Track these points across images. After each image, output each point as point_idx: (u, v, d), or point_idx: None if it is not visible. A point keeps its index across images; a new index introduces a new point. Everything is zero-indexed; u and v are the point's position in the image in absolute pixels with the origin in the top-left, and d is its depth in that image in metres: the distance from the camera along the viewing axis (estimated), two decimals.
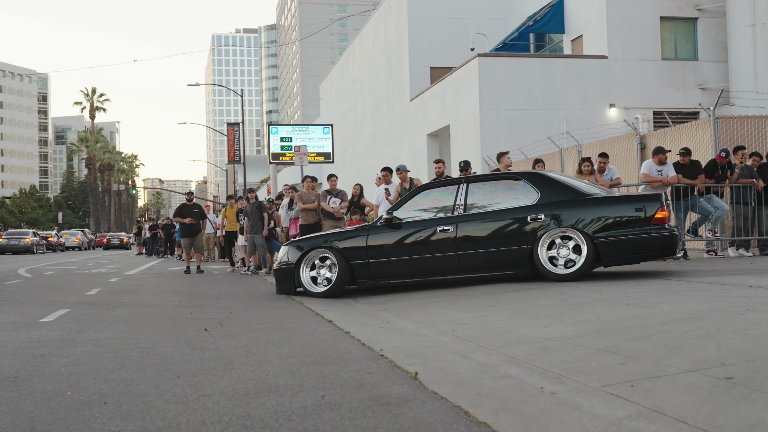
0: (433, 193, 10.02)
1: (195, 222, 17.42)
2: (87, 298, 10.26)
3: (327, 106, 50.87)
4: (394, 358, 4.77)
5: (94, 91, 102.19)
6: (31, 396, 3.89)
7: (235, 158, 47.21)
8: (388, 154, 33.49)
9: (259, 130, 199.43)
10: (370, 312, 7.81)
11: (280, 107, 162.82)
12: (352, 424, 3.20)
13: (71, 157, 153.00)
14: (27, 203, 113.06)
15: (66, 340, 5.96)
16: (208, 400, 3.70)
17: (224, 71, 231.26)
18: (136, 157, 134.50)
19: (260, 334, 6.19)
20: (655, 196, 9.13)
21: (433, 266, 9.57)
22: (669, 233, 8.82)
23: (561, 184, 9.38)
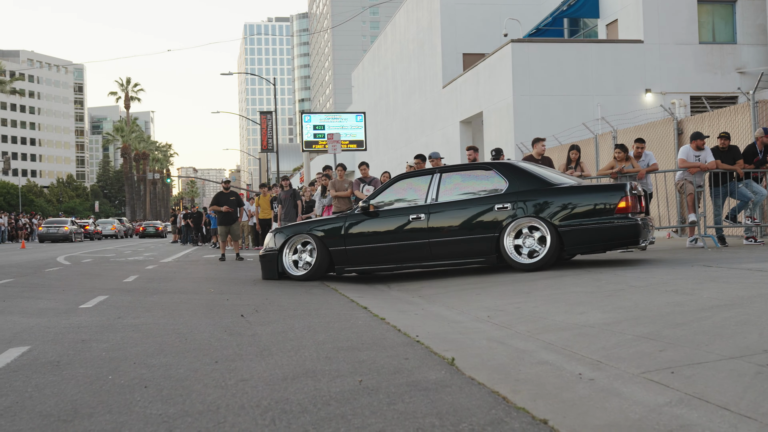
0: (409, 182, 10.26)
1: (232, 210, 17.54)
2: (125, 285, 10.40)
3: (359, 93, 50.85)
4: (429, 344, 4.77)
5: (128, 81, 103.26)
6: (73, 380, 3.96)
7: (268, 147, 47.47)
8: (420, 142, 33.41)
9: (292, 119, 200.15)
10: (404, 298, 7.82)
11: (312, 95, 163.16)
12: (390, 408, 3.20)
13: (107, 146, 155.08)
14: (64, 192, 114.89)
15: (105, 326, 6.05)
16: (246, 385, 3.73)
17: (256, 60, 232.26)
18: (171, 146, 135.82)
19: (296, 320, 6.23)
20: (619, 186, 9.17)
21: (406, 254, 9.85)
22: (632, 223, 8.85)
23: (529, 173, 9.50)
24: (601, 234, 8.94)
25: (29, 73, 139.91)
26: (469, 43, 30.81)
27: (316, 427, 2.96)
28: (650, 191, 12.20)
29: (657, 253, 10.75)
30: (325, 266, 10.25)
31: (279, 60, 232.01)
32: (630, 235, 8.93)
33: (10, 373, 4.15)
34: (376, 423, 2.99)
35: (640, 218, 9.05)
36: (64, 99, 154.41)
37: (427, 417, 3.06)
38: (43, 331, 5.77)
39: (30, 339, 5.39)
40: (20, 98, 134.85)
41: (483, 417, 3.04)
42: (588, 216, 8.96)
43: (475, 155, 13.50)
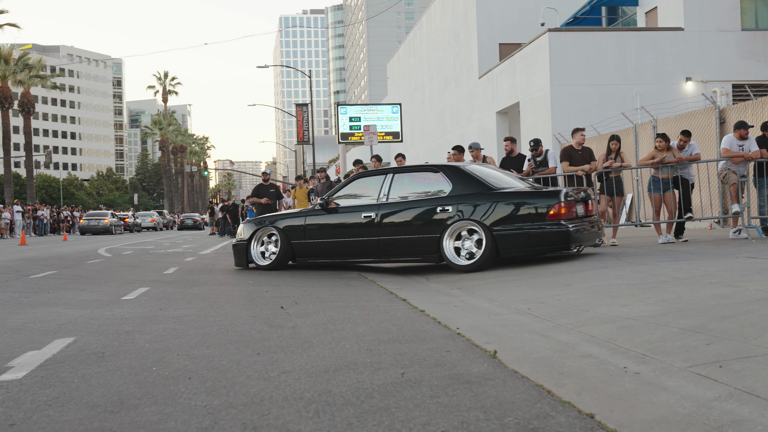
0: (366, 181, 10.81)
1: (271, 202, 17.64)
2: (165, 276, 10.51)
3: (394, 85, 50.78)
4: (471, 337, 4.75)
5: (166, 75, 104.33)
6: (118, 371, 4.00)
7: (304, 139, 47.66)
8: (456, 133, 33.28)
9: (327, 111, 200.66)
10: (443, 291, 7.79)
11: (347, 87, 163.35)
12: (434, 402, 3.19)
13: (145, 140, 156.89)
14: (104, 185, 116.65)
15: (148, 317, 6.12)
16: (289, 377, 3.74)
17: (292, 52, 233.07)
18: (207, 139, 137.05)
19: (335, 312, 6.24)
20: (552, 193, 9.45)
21: (357, 249, 10.38)
22: (561, 229, 9.12)
23: (472, 177, 9.83)
24: (532, 239, 9.27)
25: (69, 68, 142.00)
26: (506, 32, 30.57)
27: (360, 419, 2.95)
28: (692, 181, 12.00)
29: (700, 245, 10.58)
30: (288, 257, 10.95)
31: (314, 52, 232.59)
32: (560, 241, 9.22)
33: (56, 364, 4.21)
34: (421, 416, 2.97)
35: (573, 225, 9.25)
36: (104, 93, 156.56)
37: (471, 410, 3.03)
38: (87, 323, 5.86)
39: (74, 330, 5.47)
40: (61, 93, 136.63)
41: (528, 411, 3.01)
42: (521, 221, 9.30)
43: (513, 146, 13.40)
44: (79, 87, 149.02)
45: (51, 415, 3.13)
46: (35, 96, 66.86)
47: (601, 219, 11.46)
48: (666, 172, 11.69)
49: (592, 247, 10.86)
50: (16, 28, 53.30)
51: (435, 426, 2.84)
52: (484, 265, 9.26)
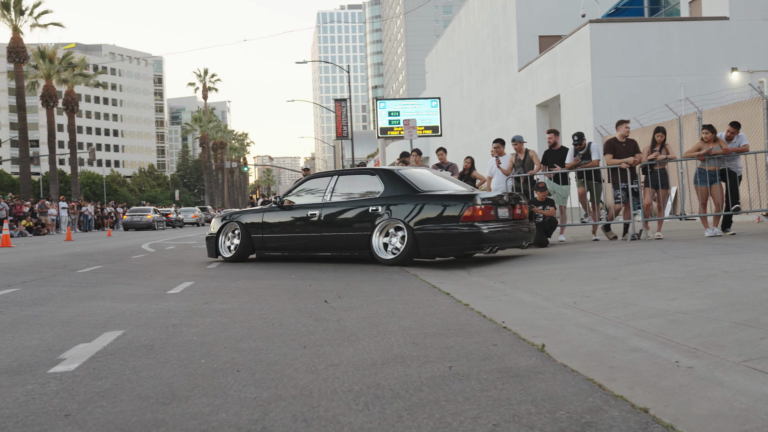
0: (315, 182, 11.88)
1: None
2: (208, 271, 10.61)
3: (433, 79, 50.63)
4: (517, 330, 4.71)
5: (206, 72, 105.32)
6: (168, 363, 4.04)
7: (343, 134, 47.77)
8: (495, 126, 33.08)
9: (365, 106, 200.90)
10: (486, 284, 7.74)
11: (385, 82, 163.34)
12: (484, 395, 3.16)
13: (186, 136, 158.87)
14: (146, 182, 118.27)
15: (194, 311, 6.18)
16: (336, 370, 3.75)
17: (330, 48, 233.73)
18: (247, 135, 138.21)
19: (379, 305, 6.24)
20: (467, 197, 10.04)
21: (305, 244, 11.49)
22: (473, 230, 9.72)
23: (402, 180, 10.74)
24: (447, 238, 9.94)
25: (111, 67, 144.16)
26: (545, 24, 30.28)
27: (410, 412, 2.94)
28: (740, 173, 11.77)
29: (748, 239, 10.38)
30: (249, 250, 12.16)
31: (352, 47, 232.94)
32: (472, 241, 9.80)
33: (107, 356, 4.27)
34: (471, 409, 2.95)
35: (487, 226, 9.81)
36: (145, 91, 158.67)
37: (522, 404, 3.01)
38: (135, 316, 5.93)
39: (123, 323, 5.54)
40: (103, 91, 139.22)
41: (580, 404, 2.97)
42: (438, 222, 10.03)
43: (556, 138, 13.27)
44: (121, 85, 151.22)
45: (104, 406, 3.17)
46: (79, 94, 68.00)
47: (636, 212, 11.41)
48: (713, 164, 11.48)
49: (518, 249, 11.38)
50: (60, 27, 54.22)
51: (486, 419, 2.82)
52: (405, 261, 10.20)
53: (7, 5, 50.23)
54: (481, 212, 9.88)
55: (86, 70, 65.60)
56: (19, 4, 50.53)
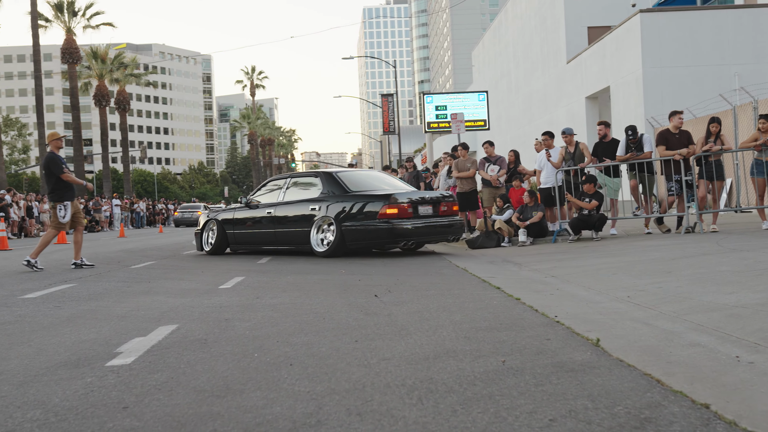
0: (275, 183, 13.50)
1: None
2: (258, 266, 10.70)
3: (480, 73, 50.30)
4: (571, 325, 4.65)
5: (253, 70, 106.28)
6: (221, 357, 4.08)
7: (390, 129, 47.77)
8: (544, 119, 32.74)
9: (412, 101, 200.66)
10: (537, 279, 7.67)
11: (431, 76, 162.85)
12: (539, 390, 3.12)
13: (234, 133, 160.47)
14: (196, 179, 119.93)
15: (246, 306, 6.24)
16: (389, 364, 3.74)
17: (376, 43, 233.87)
18: (294, 131, 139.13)
19: (430, 300, 6.22)
20: (385, 197, 11.42)
21: (264, 239, 12.93)
22: (387, 227, 11.20)
23: (337, 182, 12.23)
24: (366, 234, 11.38)
25: (161, 66, 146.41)
26: (594, 15, 29.85)
27: (464, 406, 2.92)
28: None
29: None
30: (224, 245, 13.69)
31: (398, 42, 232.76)
32: (387, 236, 11.24)
33: (162, 350, 4.33)
34: (526, 404, 2.92)
35: (402, 223, 11.21)
36: (194, 89, 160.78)
37: (578, 399, 2.96)
38: (188, 311, 6.01)
39: (177, 318, 5.62)
40: (154, 90, 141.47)
41: (638, 400, 2.91)
42: (360, 219, 11.45)
43: (606, 130, 13.07)
44: (170, 84, 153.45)
45: (161, 399, 3.21)
46: (130, 93, 69.18)
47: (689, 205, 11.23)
48: None
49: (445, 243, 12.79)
50: (111, 27, 55.23)
51: (542, 414, 2.78)
52: (335, 253, 11.59)
53: (60, 7, 51.33)
54: (397, 210, 11.33)
55: (137, 70, 66.74)
56: (72, 6, 51.60)
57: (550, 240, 12.75)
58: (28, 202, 30.38)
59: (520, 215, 12.95)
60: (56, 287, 8.18)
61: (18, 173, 76.89)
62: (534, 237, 12.85)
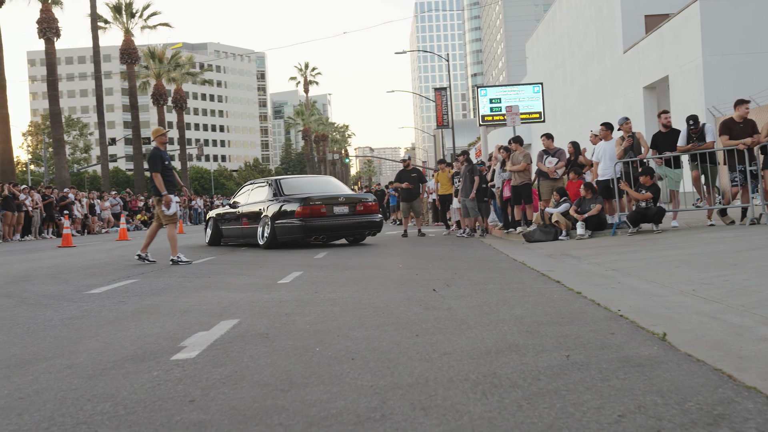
0: (248, 187, 15.91)
1: (412, 186, 17.73)
2: (316, 261, 10.77)
3: (534, 64, 49.74)
4: (635, 319, 4.56)
5: (307, 66, 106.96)
6: (283, 351, 4.11)
7: (443, 123, 47.61)
8: (600, 110, 32.22)
9: (465, 94, 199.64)
10: (597, 272, 7.54)
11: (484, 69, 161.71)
12: (605, 385, 3.07)
13: (288, 130, 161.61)
14: (251, 175, 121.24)
15: (305, 300, 6.28)
16: (450, 358, 3.72)
17: (428, 37, 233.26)
18: (348, 126, 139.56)
19: (489, 294, 6.17)
20: (302, 199, 13.71)
21: (237, 233, 15.37)
22: (300, 225, 13.55)
23: (278, 186, 14.61)
24: (288, 230, 13.65)
25: (216, 64, 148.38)
26: (652, 3, 29.23)
27: (530, 402, 2.88)
28: None
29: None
30: (218, 239, 16.05)
31: (450, 36, 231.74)
32: (301, 232, 13.60)
33: (225, 344, 4.38)
34: (593, 399, 2.87)
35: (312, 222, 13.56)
36: (248, 86, 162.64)
37: (646, 394, 2.90)
38: (248, 305, 6.08)
39: (238, 312, 5.68)
40: (209, 88, 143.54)
41: (710, 396, 2.84)
42: (284, 217, 13.73)
43: (668, 119, 12.79)
44: (225, 82, 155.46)
45: (226, 393, 3.25)
46: (186, 92, 70.32)
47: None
48: None
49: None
50: (168, 27, 56.15)
51: (610, 409, 2.73)
52: (271, 245, 13.87)
53: (119, 9, 52.37)
54: (309, 210, 13.57)
55: (193, 69, 67.80)
56: (130, 7, 52.60)
57: (609, 233, 12.54)
58: (91, 200, 31.12)
59: (577, 208, 12.77)
60: (120, 283, 8.35)
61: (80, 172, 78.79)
62: (592, 230, 12.65)
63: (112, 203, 33.50)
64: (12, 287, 8.28)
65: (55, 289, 7.88)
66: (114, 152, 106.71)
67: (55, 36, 41.28)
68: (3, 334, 5.05)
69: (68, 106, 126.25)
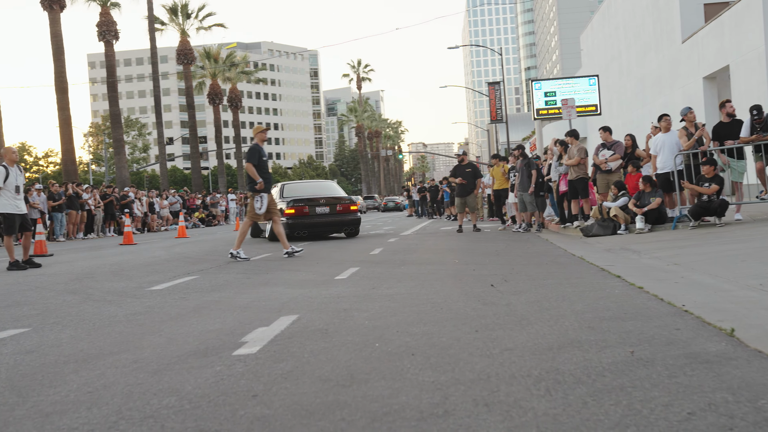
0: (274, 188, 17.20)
1: (466, 182, 17.64)
2: (372, 257, 10.79)
3: (589, 56, 48.99)
4: (700, 314, 4.45)
5: (359, 63, 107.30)
6: (343, 347, 4.12)
7: (497, 117, 47.24)
8: (658, 102, 31.59)
9: (518, 88, 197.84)
10: (659, 266, 7.39)
11: (538, 63, 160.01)
12: (672, 382, 3.00)
13: (341, 127, 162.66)
14: (306, 172, 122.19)
15: (362, 296, 6.29)
16: (512, 354, 3.68)
17: (480, 31, 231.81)
18: (401, 123, 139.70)
19: (548, 289, 6.10)
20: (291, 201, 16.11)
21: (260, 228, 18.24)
22: (288, 222, 15.75)
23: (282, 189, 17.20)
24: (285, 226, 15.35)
25: (270, 63, 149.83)
26: None
27: (595, 398, 2.84)
28: None
29: None
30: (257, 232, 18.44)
31: (503, 29, 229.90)
32: (288, 228, 15.53)
33: (285, 340, 4.41)
34: (660, 396, 2.81)
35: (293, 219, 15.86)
36: (302, 84, 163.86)
37: (716, 392, 2.82)
38: (307, 301, 6.12)
39: (296, 308, 5.72)
40: (263, 87, 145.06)
41: None
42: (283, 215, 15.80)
43: (733, 108, 12.47)
44: (279, 80, 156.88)
45: (288, 388, 3.27)
46: (241, 91, 71.19)
47: None
48: None
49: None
50: (223, 27, 56.89)
51: (678, 407, 2.66)
52: (271, 239, 16.08)
53: (174, 10, 53.28)
54: (294, 210, 15.94)
55: (247, 68, 68.56)
56: (185, 8, 53.47)
57: (670, 227, 12.29)
58: (150, 198, 31.74)
59: (637, 201, 12.54)
60: (180, 279, 8.49)
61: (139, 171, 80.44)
62: (652, 224, 12.41)
63: (171, 201, 34.10)
64: (77, 284, 8.49)
65: (118, 286, 8.05)
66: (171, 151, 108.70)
67: (114, 38, 42.20)
68: (71, 330, 5.17)
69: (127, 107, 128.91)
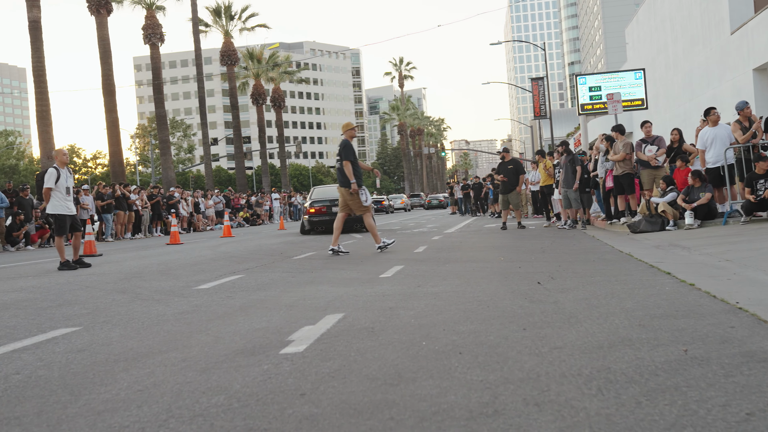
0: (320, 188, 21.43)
1: (507, 179, 17.49)
2: (416, 255, 10.76)
3: (634, 50, 48.24)
4: (756, 311, 4.33)
5: (401, 61, 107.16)
6: (390, 345, 4.11)
7: (541, 113, 46.82)
8: (706, 96, 30.97)
9: (562, 83, 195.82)
10: (710, 263, 7.24)
11: (582, 57, 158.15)
12: (729, 381, 2.92)
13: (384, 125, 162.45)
14: None
15: (408, 294, 6.27)
16: (561, 353, 3.62)
17: (523, 27, 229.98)
18: (443, 120, 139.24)
19: (596, 286, 6.01)
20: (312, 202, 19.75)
21: None
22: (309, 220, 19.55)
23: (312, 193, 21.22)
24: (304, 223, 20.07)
25: (312, 62, 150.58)
26: None
27: (648, 398, 2.77)
28: None
29: None
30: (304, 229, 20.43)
31: (546, 24, 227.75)
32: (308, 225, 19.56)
33: (331, 338, 4.41)
34: (717, 396, 2.73)
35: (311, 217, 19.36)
36: (344, 83, 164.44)
37: None
38: (352, 299, 6.11)
39: (342, 307, 5.72)
40: (306, 86, 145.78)
41: None
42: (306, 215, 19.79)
43: None
44: (321, 79, 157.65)
45: (335, 387, 3.26)
46: (284, 91, 71.62)
47: None
48: None
49: None
50: (265, 28, 57.31)
51: (737, 407, 2.59)
52: (306, 233, 19.45)
53: (218, 12, 53.85)
54: (314, 210, 19.34)
55: (290, 68, 68.99)
56: (229, 10, 54.00)
57: (720, 222, 12.04)
58: (195, 198, 32.13)
59: (686, 197, 12.31)
60: (226, 278, 8.56)
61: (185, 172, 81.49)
62: (702, 219, 12.17)
63: (216, 201, 34.48)
64: (126, 283, 8.62)
65: (166, 285, 8.15)
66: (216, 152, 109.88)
67: (159, 41, 42.82)
68: (120, 329, 5.24)
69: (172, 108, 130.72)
